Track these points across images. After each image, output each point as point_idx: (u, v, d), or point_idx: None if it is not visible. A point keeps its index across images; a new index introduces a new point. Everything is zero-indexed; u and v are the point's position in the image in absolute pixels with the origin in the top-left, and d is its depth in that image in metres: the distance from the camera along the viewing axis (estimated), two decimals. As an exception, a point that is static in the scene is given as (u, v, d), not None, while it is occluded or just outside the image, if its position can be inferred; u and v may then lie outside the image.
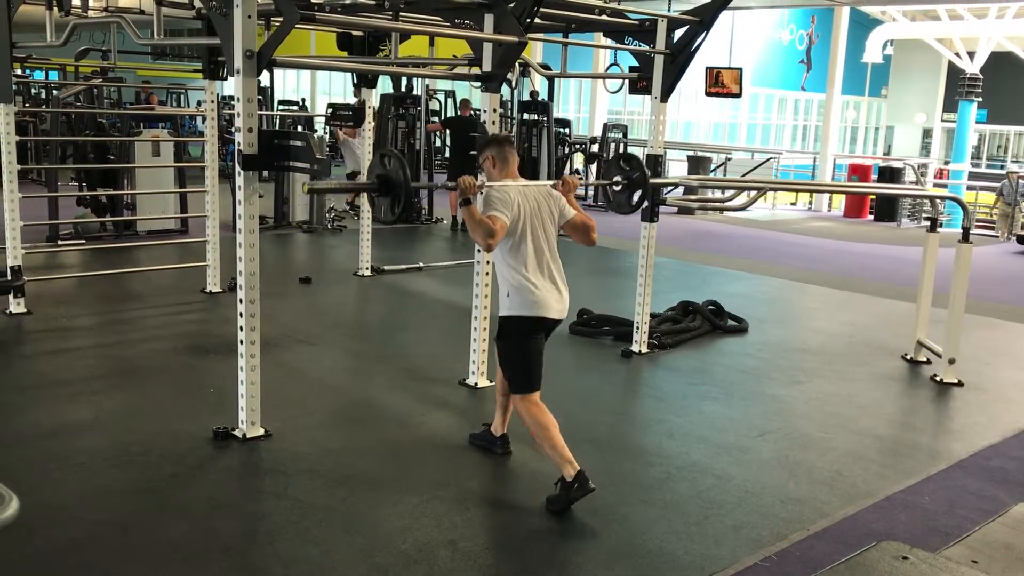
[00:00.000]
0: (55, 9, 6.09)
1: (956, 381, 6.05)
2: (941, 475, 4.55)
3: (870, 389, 5.96)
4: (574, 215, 4.21)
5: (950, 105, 25.62)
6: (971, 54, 18.12)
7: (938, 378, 6.12)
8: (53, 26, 6.30)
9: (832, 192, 17.24)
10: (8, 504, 1.69)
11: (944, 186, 17.94)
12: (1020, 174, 15.58)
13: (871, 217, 16.49)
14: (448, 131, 13.28)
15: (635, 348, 6.46)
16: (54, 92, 13.71)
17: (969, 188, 17.29)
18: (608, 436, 4.94)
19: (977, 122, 20.23)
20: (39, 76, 17.53)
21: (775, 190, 15.55)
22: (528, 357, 4.09)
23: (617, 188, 5.16)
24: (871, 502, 4.16)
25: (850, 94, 26.77)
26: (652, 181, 5.13)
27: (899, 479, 4.44)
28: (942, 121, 28.77)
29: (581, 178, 4.22)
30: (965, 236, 6.11)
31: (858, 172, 18.02)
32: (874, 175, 17.68)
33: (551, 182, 4.29)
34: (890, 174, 16.99)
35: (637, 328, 6.48)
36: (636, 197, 5.13)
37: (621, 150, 15.86)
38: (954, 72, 22.15)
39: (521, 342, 4.09)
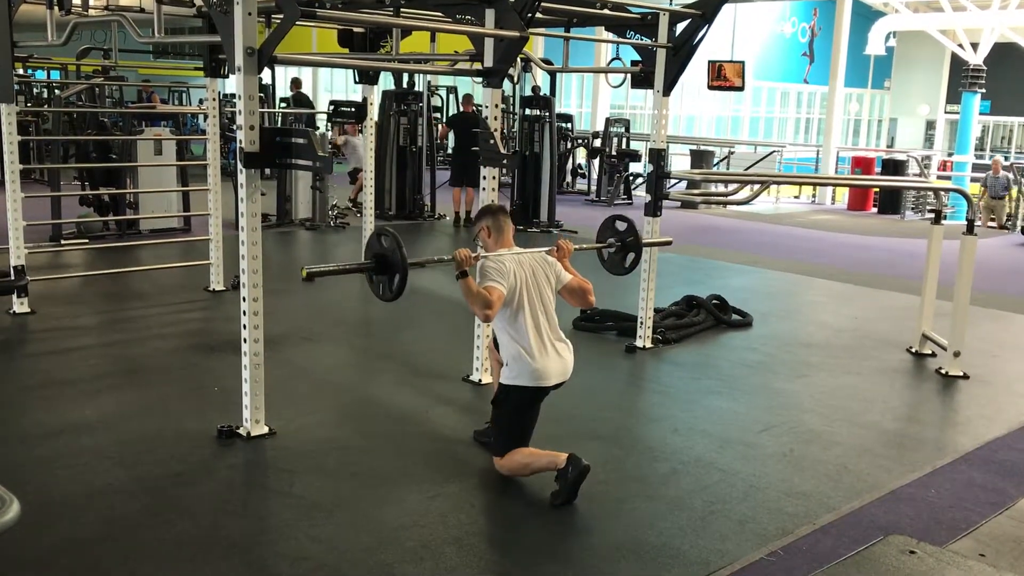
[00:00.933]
0: (56, 8, 6.08)
1: (961, 374, 6.03)
2: (947, 468, 4.53)
3: (875, 383, 5.95)
4: (570, 279, 4.26)
5: (953, 97, 25.58)
6: (974, 45, 18.08)
7: (943, 371, 6.10)
8: (54, 25, 6.28)
9: (835, 185, 17.24)
10: (9, 507, 1.68)
11: (948, 178, 17.90)
12: (1004, 164, 15.49)
13: (875, 210, 16.46)
14: (452, 130, 13.27)
15: (639, 343, 6.45)
16: (56, 91, 13.72)
17: (973, 180, 17.24)
18: (613, 431, 4.93)
19: (981, 113, 20.19)
20: (41, 75, 17.54)
21: (778, 184, 15.54)
22: (520, 429, 4.11)
23: (612, 250, 5.21)
24: (877, 496, 4.15)
25: (853, 86, 26.72)
26: (646, 242, 5.17)
27: (905, 473, 4.43)
28: (945, 113, 28.72)
29: (576, 246, 4.25)
30: (970, 228, 6.09)
31: (861, 165, 17.99)
32: (877, 167, 17.65)
33: (545, 249, 4.32)
34: (894, 166, 16.95)
35: (641, 323, 6.46)
36: (630, 259, 5.18)
37: (624, 145, 15.84)
38: (957, 63, 22.08)
39: (517, 413, 4.11)
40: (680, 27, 6.14)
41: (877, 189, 16.46)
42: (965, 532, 3.80)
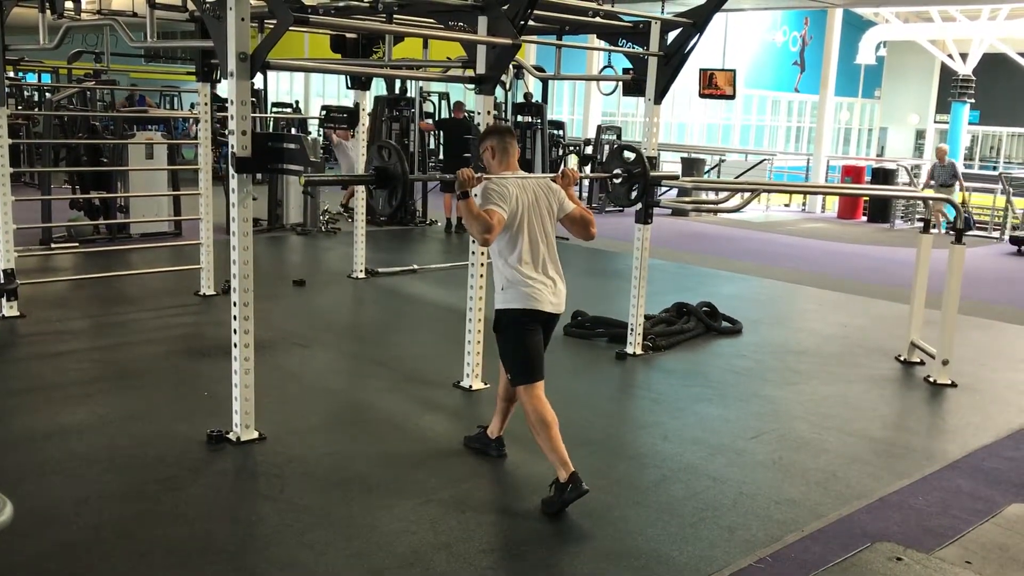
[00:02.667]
0: (48, 11, 6.08)
1: (950, 382, 6.06)
2: (935, 476, 4.56)
3: (864, 390, 5.98)
4: (573, 208, 4.19)
5: (943, 106, 25.72)
6: (964, 55, 18.20)
7: (932, 379, 6.13)
8: (46, 28, 6.28)
9: (826, 194, 17.30)
10: (2, 510, 1.68)
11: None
12: (946, 149, 15.56)
13: (864, 218, 16.53)
14: (441, 132, 13.28)
15: (629, 350, 6.47)
16: (47, 94, 13.71)
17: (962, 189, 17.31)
18: (603, 438, 4.94)
19: (970, 123, 20.31)
20: (32, 78, 17.50)
21: (769, 192, 15.59)
22: (524, 348, 4.06)
23: (617, 180, 5.16)
24: (865, 503, 4.17)
25: (843, 95, 26.84)
26: (652, 174, 5.14)
27: (893, 480, 4.45)
28: (935, 122, 28.87)
29: (581, 174, 4.26)
30: (958, 237, 6.13)
31: (851, 173, 18.06)
32: (867, 176, 17.73)
33: (551, 175, 4.29)
34: (883, 175, 17.03)
35: (631, 330, 6.48)
36: (636, 190, 5.13)
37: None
38: (947, 73, 22.23)
39: (516, 334, 4.07)
40: (671, 36, 6.17)
41: (867, 198, 16.53)
42: (952, 539, 3.82)
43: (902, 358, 6.64)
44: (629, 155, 5.13)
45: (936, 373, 6.12)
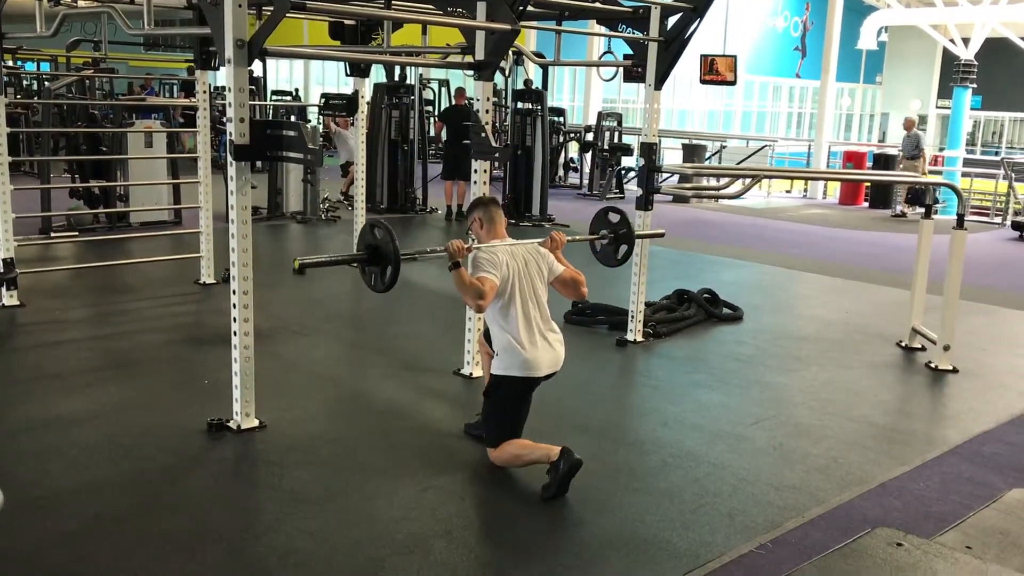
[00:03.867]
0: (44, -1, 6.06)
1: (951, 368, 6.06)
2: (936, 461, 4.56)
3: (865, 376, 5.97)
4: (563, 271, 4.28)
5: (945, 92, 25.60)
6: (966, 40, 18.10)
7: (933, 365, 6.12)
8: (43, 16, 6.26)
9: (827, 179, 17.26)
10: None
11: (939, 173, 17.94)
12: (913, 120, 15.82)
13: (866, 204, 16.50)
14: (444, 125, 13.25)
15: (630, 337, 6.46)
16: (46, 83, 13.66)
17: (964, 175, 17.29)
18: (603, 425, 4.94)
19: (972, 108, 20.22)
20: (31, 67, 17.46)
21: (770, 178, 15.57)
22: (510, 418, 4.13)
23: (604, 241, 5.26)
24: (866, 489, 4.17)
25: (845, 81, 26.75)
26: (637, 233, 5.24)
27: (894, 466, 4.45)
28: (937, 108, 28.77)
29: (569, 238, 4.31)
30: (960, 223, 6.11)
31: (853, 159, 18.02)
32: (869, 162, 17.68)
33: (538, 240, 4.34)
34: (885, 161, 16.99)
35: (632, 317, 6.47)
36: (622, 251, 5.23)
37: (616, 139, 15.83)
38: (949, 58, 22.13)
39: (508, 403, 4.13)
40: (671, 21, 6.14)
41: (868, 184, 16.49)
42: (952, 524, 3.82)
43: (903, 344, 6.63)
44: (614, 216, 5.17)
45: (937, 359, 6.11)
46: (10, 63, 11.40)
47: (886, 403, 5.54)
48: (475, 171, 5.42)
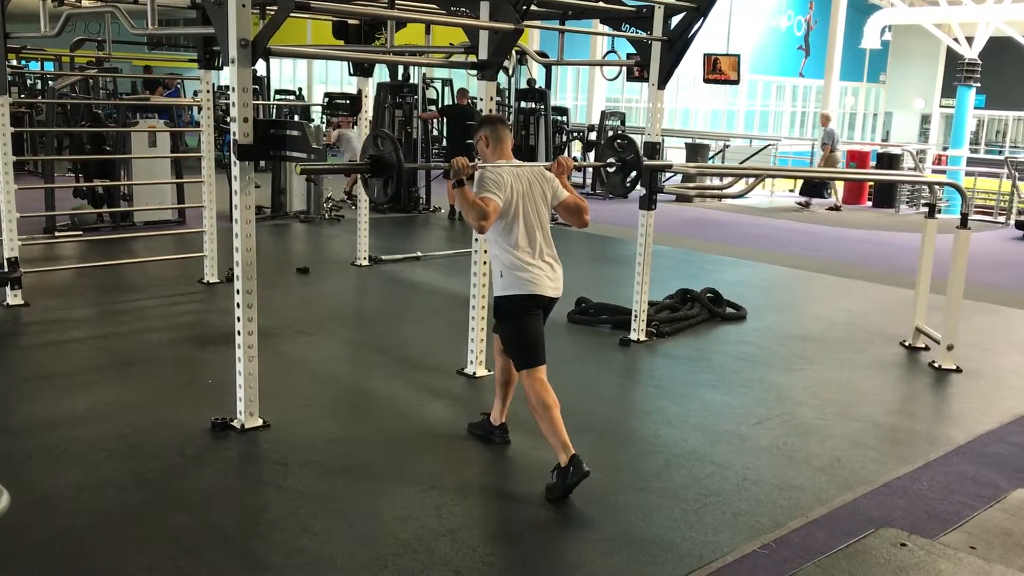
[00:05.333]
0: (48, -1, 6.07)
1: (954, 367, 6.05)
2: (939, 461, 4.55)
3: (869, 376, 5.96)
4: (567, 196, 4.25)
5: (948, 91, 25.55)
6: (969, 39, 18.06)
7: (936, 364, 6.12)
8: (47, 16, 6.27)
9: (830, 179, 17.21)
10: (-1, 498, 1.67)
11: (943, 172, 17.92)
12: (828, 115, 16.38)
13: (870, 203, 16.48)
14: (445, 119, 13.24)
15: (633, 336, 6.46)
16: (50, 83, 13.68)
17: (968, 174, 17.26)
18: (606, 424, 4.94)
19: (976, 107, 20.20)
20: (35, 67, 17.46)
21: (773, 177, 15.56)
22: (526, 334, 4.10)
23: (611, 169, 5.22)
24: (869, 489, 4.16)
25: (848, 80, 26.73)
26: (646, 163, 5.16)
27: (897, 466, 4.45)
28: (940, 107, 28.72)
29: (576, 160, 4.33)
30: (963, 222, 6.10)
31: (856, 158, 17.99)
32: (872, 161, 17.65)
33: (545, 163, 4.32)
34: (888, 160, 16.96)
35: (635, 316, 6.47)
36: (631, 178, 5.18)
37: (619, 138, 15.81)
38: (953, 57, 22.08)
39: (518, 320, 4.10)
40: (675, 20, 6.14)
41: (872, 183, 16.47)
42: (956, 525, 3.82)
43: (907, 343, 6.63)
44: (622, 143, 5.15)
45: (941, 358, 6.11)
46: (14, 62, 11.40)
47: (890, 403, 5.54)
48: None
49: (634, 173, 5.15)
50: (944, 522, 3.85)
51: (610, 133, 15.62)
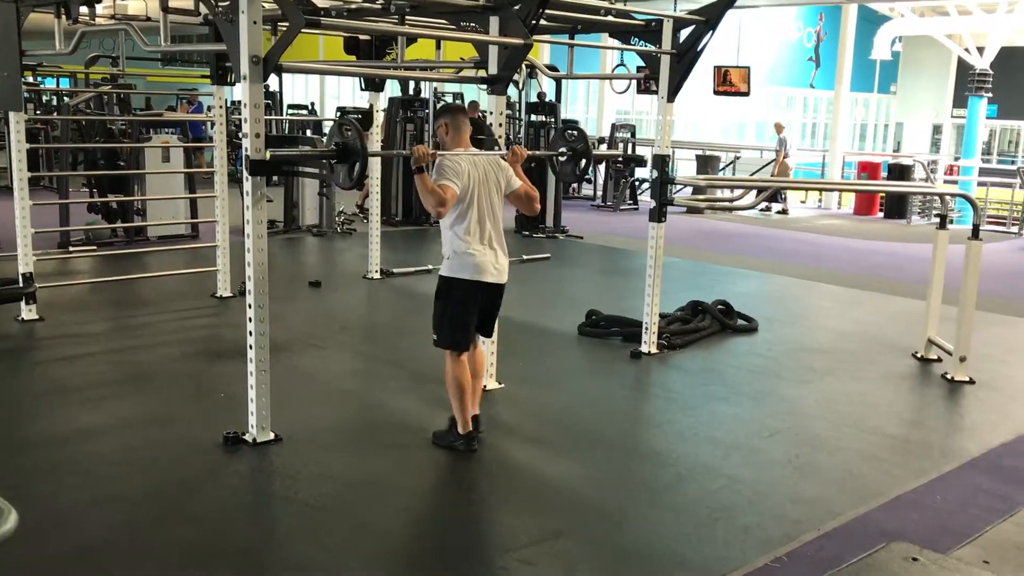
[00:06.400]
0: (63, 17, 6.13)
1: (967, 379, 6.02)
2: (953, 474, 4.53)
3: (881, 388, 5.94)
4: (519, 185, 4.50)
5: (960, 101, 25.48)
6: (980, 49, 18.02)
7: (949, 376, 6.09)
8: (62, 34, 6.34)
9: (842, 190, 17.20)
10: (7, 517, 1.69)
11: (954, 183, 17.84)
12: (782, 125, 16.70)
13: (881, 214, 16.43)
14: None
15: (644, 349, 6.45)
16: (64, 99, 13.80)
17: (980, 184, 17.20)
18: (617, 437, 4.94)
19: (987, 118, 20.13)
20: (50, 83, 17.61)
21: (784, 189, 15.52)
22: (458, 317, 4.42)
23: (563, 159, 5.39)
24: (882, 502, 4.14)
25: (859, 91, 26.66)
26: (595, 153, 5.36)
27: (910, 478, 4.43)
28: (952, 117, 28.63)
29: (528, 152, 4.60)
30: (975, 233, 6.08)
31: (867, 169, 17.95)
32: (884, 172, 17.61)
33: (501, 152, 4.59)
34: (900, 171, 16.91)
35: (646, 329, 6.47)
36: (581, 165, 5.36)
37: (630, 150, 15.85)
38: (964, 68, 22.03)
39: (454, 302, 4.42)
40: (684, 33, 6.16)
41: (883, 194, 16.42)
42: (970, 539, 3.80)
43: (919, 355, 6.60)
44: (572, 134, 5.32)
45: (953, 370, 6.08)
46: (30, 79, 11.50)
47: (902, 415, 5.52)
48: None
49: (584, 161, 5.31)
50: (957, 536, 3.83)
51: (622, 147, 15.68)
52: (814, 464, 4.57)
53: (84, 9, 6.12)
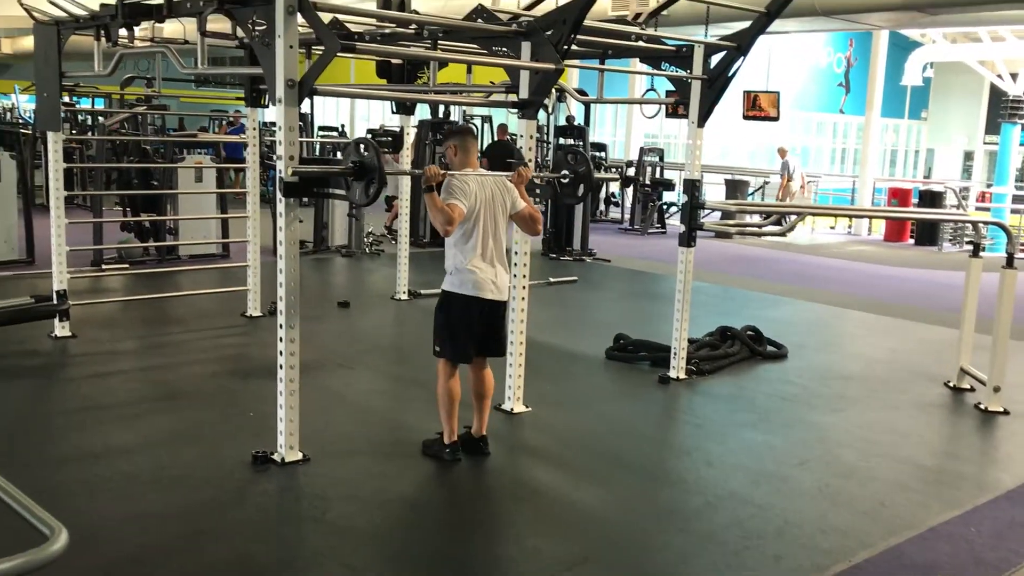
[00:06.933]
0: (103, 39, 6.23)
1: (1001, 409, 5.93)
2: (988, 506, 4.45)
3: (912, 417, 5.87)
4: (523, 207, 4.67)
5: (992, 127, 25.28)
6: (1014, 75, 17.88)
7: (983, 406, 6.00)
8: (101, 56, 6.44)
9: (872, 217, 17.07)
10: (57, 537, 1.71)
11: (987, 210, 17.67)
12: (785, 149, 17.52)
13: (911, 241, 16.29)
14: (485, 156, 13.34)
15: (672, 374, 6.42)
16: (100, 119, 14.02)
17: (1013, 211, 17.02)
18: (646, 463, 4.91)
19: (1021, 144, 19.93)
20: (85, 103, 17.90)
21: (814, 215, 15.46)
22: (458, 330, 4.55)
23: (565, 181, 5.45)
24: (915, 533, 4.08)
25: (889, 117, 26.53)
26: (597, 176, 5.41)
27: (943, 510, 4.36)
28: (984, 143, 28.39)
29: (534, 174, 4.73)
30: (1009, 261, 6.01)
31: (898, 196, 17.82)
32: (914, 198, 17.47)
33: (506, 174, 4.67)
34: (931, 198, 16.78)
35: (675, 354, 6.43)
36: (581, 189, 5.41)
37: (657, 174, 15.84)
38: (996, 94, 21.86)
39: (452, 316, 4.56)
40: (715, 59, 6.16)
41: (914, 221, 16.29)
42: (1004, 573, 3.73)
43: (951, 384, 6.52)
44: (574, 158, 5.40)
45: (987, 400, 5.99)
46: (66, 99, 11.71)
47: (934, 445, 5.44)
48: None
49: (583, 185, 5.38)
50: (993, 570, 3.76)
51: (649, 171, 15.68)
52: (845, 494, 4.52)
53: (123, 32, 6.21)
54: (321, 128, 19.34)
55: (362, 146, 4.37)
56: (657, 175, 15.84)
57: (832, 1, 11.33)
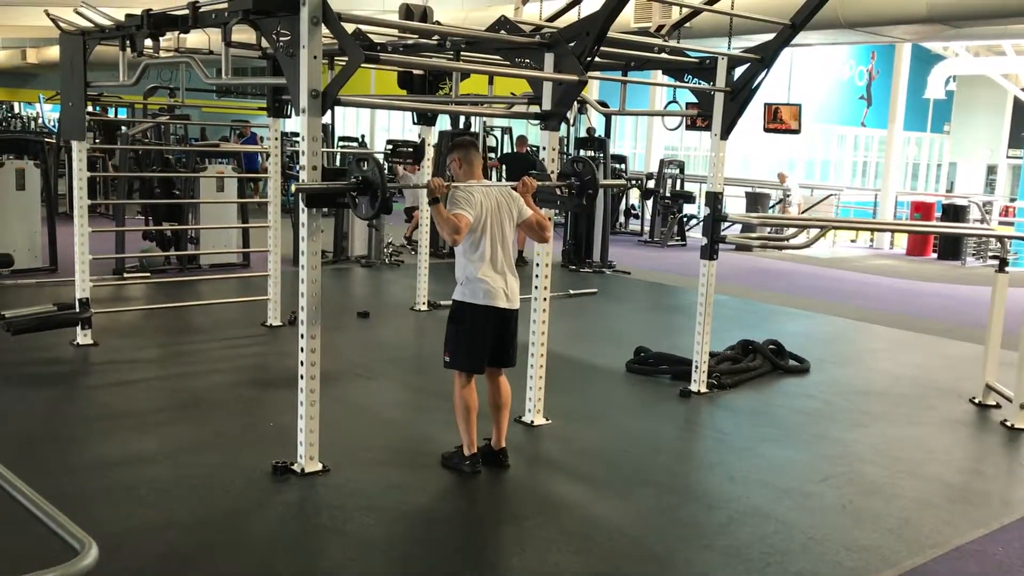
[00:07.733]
0: (128, 50, 6.28)
1: (1028, 426, 5.85)
2: (1014, 525, 4.38)
3: (938, 433, 5.80)
4: (530, 215, 4.69)
5: (1016, 141, 25.10)
6: (1038, 89, 17.75)
7: (1009, 423, 5.92)
8: (126, 65, 6.49)
9: (894, 231, 16.95)
10: (87, 551, 1.70)
11: (1010, 224, 17.51)
12: (785, 175, 17.62)
13: (935, 255, 16.15)
14: (504, 167, 13.36)
15: (694, 388, 6.37)
16: (123, 128, 14.15)
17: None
18: (667, 478, 4.87)
19: (1045, 158, 19.78)
20: (110, 112, 18.06)
21: (836, 228, 15.32)
22: (471, 341, 4.57)
23: (569, 191, 5.42)
24: (940, 552, 4.02)
25: (912, 130, 26.36)
26: (602, 183, 5.37)
27: (970, 528, 4.29)
28: (1008, 157, 28.16)
29: (539, 183, 4.73)
30: (1036, 277, 5.94)
31: (920, 209, 17.69)
32: (937, 212, 17.34)
33: (512, 183, 4.70)
34: (954, 212, 16.65)
35: (696, 367, 6.39)
36: (586, 197, 5.37)
37: (678, 186, 15.79)
38: (1020, 107, 21.72)
39: (465, 326, 4.57)
40: (738, 71, 6.14)
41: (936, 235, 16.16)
42: (1035, 593, 3.67)
43: (977, 400, 6.44)
44: (579, 166, 5.36)
45: (1014, 417, 5.91)
46: (90, 109, 11.82)
47: (960, 462, 5.37)
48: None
49: (590, 192, 5.33)
50: (1021, 590, 3.70)
51: (670, 183, 15.64)
52: (869, 511, 4.46)
53: (148, 42, 6.26)
54: (341, 138, 19.41)
55: (363, 162, 4.44)
56: (677, 187, 15.81)
57: (856, 13, 11.29)
